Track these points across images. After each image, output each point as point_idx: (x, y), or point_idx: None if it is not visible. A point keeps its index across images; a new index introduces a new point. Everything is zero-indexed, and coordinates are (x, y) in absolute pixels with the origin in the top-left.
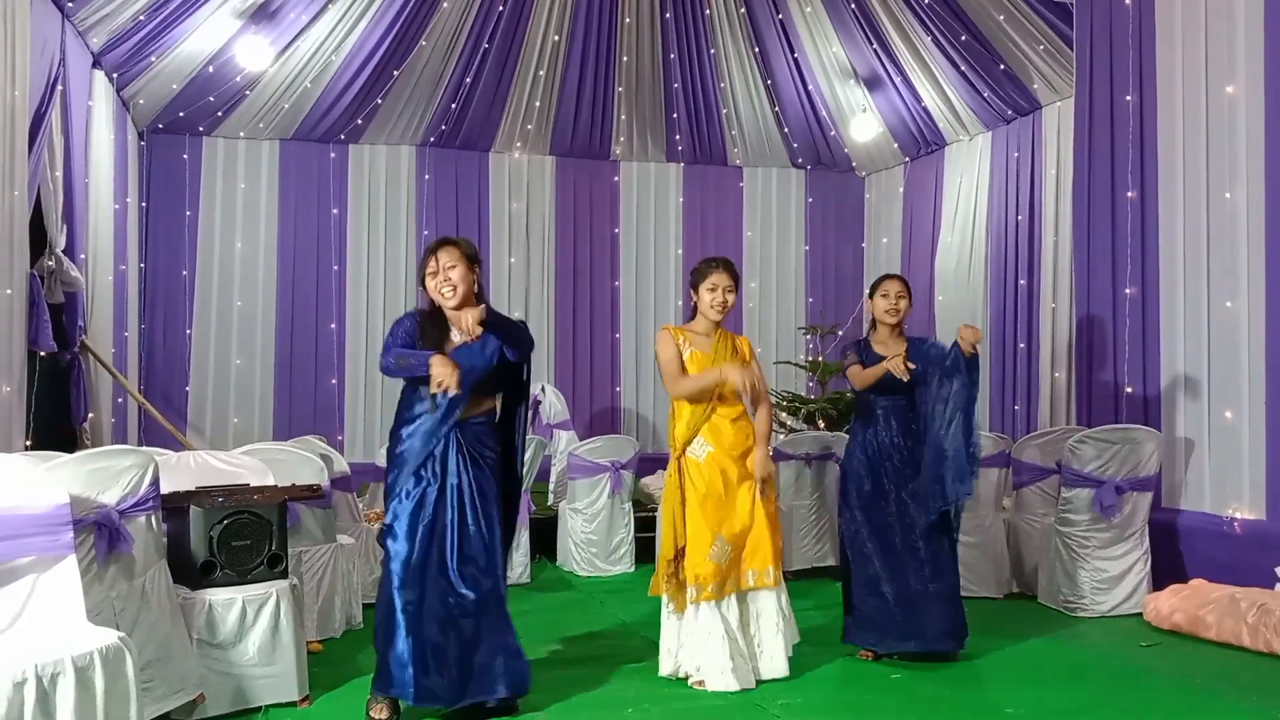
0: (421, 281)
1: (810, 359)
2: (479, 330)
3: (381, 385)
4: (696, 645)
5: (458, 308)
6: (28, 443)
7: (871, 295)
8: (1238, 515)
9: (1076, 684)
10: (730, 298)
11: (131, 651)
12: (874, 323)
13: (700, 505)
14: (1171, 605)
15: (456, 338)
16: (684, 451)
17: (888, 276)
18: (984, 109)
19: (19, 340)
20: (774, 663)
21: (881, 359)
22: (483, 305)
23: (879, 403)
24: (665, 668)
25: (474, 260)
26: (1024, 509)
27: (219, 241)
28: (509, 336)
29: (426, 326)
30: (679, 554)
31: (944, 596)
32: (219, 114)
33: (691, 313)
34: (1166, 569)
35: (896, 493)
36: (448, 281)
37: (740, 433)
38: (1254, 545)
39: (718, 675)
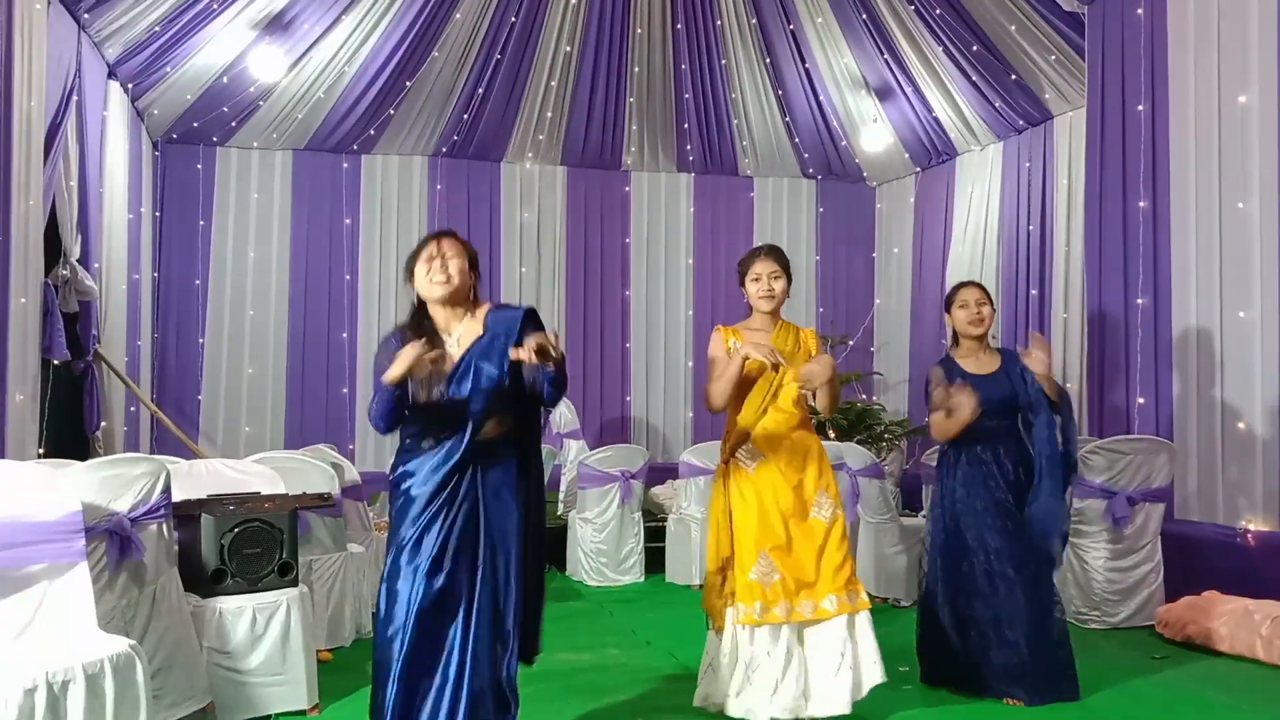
0: (410, 277)
1: None
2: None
3: None
4: (725, 669)
5: (446, 303)
6: (41, 450)
7: (948, 308)
8: (1251, 526)
9: (1088, 696)
10: (778, 285)
11: (142, 659)
12: (955, 337)
13: (747, 519)
14: (1184, 617)
15: (451, 348)
16: (732, 456)
17: (964, 284)
18: (995, 119)
19: (33, 349)
20: (828, 704)
21: (974, 377)
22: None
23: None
24: (698, 695)
25: (475, 262)
26: None
27: (232, 251)
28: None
29: (410, 335)
30: (725, 565)
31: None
32: (233, 124)
33: (747, 310)
34: (1179, 581)
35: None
36: (444, 269)
37: (800, 445)
38: (1267, 557)
39: (734, 700)
